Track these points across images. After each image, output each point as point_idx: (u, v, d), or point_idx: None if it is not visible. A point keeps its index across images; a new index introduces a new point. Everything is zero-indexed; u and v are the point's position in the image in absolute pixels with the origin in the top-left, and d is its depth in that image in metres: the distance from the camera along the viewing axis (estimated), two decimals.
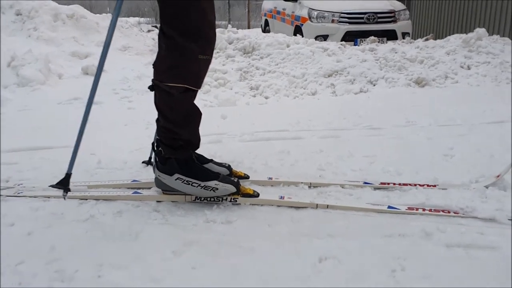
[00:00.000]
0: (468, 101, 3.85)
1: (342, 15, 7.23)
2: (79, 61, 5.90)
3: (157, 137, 1.80)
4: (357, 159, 2.33)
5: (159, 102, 1.73)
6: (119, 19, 7.88)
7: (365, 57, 5.35)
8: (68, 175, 1.72)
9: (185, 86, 1.66)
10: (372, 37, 6.29)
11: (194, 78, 1.68)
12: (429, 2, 10.40)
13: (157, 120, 1.78)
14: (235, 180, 1.81)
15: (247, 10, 24.76)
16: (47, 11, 6.59)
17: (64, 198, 1.71)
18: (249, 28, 23.18)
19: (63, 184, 1.70)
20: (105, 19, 7.10)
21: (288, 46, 5.74)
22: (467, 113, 3.32)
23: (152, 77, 1.74)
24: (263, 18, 10.92)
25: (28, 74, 4.84)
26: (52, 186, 1.73)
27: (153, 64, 1.80)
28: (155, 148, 1.80)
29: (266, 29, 10.62)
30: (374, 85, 4.91)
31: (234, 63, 5.57)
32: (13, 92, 4.68)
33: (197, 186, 1.72)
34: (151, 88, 1.74)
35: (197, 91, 1.72)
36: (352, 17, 7.22)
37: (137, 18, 33.92)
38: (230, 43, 5.89)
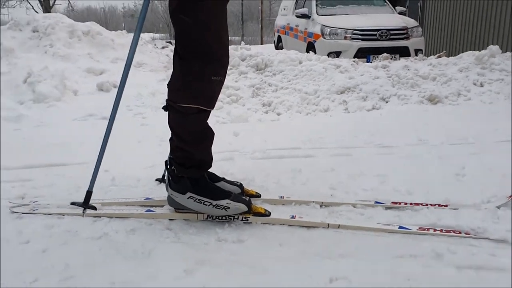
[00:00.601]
0: (480, 119, 3.84)
1: (355, 32, 7.28)
2: (94, 78, 6.00)
3: (170, 156, 1.82)
4: (368, 178, 2.33)
5: (173, 122, 1.76)
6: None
7: (378, 74, 5.36)
8: (89, 193, 1.75)
9: (199, 107, 1.69)
10: (385, 54, 6.31)
11: (208, 99, 1.71)
12: (441, 19, 10.42)
13: (171, 139, 1.81)
14: (247, 199, 1.82)
15: (260, 26, 25.04)
16: (63, 28, 6.74)
17: (83, 215, 1.74)
18: (262, 43, 23.40)
19: (84, 202, 1.73)
20: (120, 36, 7.23)
21: (300, 62, 5.77)
22: (480, 131, 3.30)
23: (166, 97, 1.78)
24: (276, 34, 11.02)
25: (44, 91, 4.94)
26: (73, 203, 1.75)
27: (167, 84, 1.84)
28: (168, 167, 1.83)
29: (279, 45, 10.72)
30: (387, 102, 4.92)
31: (246, 79, 5.62)
32: (29, 109, 4.77)
33: (209, 205, 1.74)
34: (165, 108, 1.77)
35: (210, 111, 1.76)
36: (365, 34, 7.26)
37: (151, 34, 34.48)
38: (243, 60, 5.95)
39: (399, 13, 8.38)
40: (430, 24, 11.07)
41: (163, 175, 2.32)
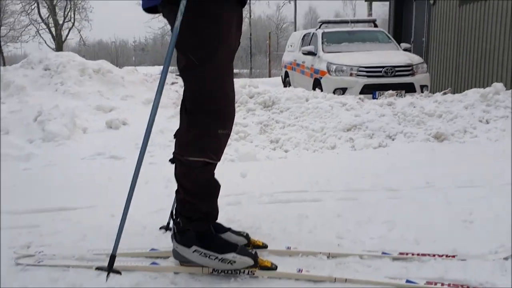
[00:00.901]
0: (487, 159, 3.83)
1: (360, 68, 7.36)
2: (104, 115, 6.09)
3: (176, 208, 1.84)
4: (375, 226, 2.32)
5: (179, 174, 1.78)
6: (144, 72, 8.13)
7: (384, 111, 5.39)
8: (113, 257, 1.69)
9: (205, 160, 1.71)
10: (390, 91, 6.36)
11: (214, 152, 1.73)
12: (446, 55, 10.51)
13: (177, 192, 1.82)
14: (253, 252, 1.82)
15: (268, 59, 25.35)
16: (74, 66, 6.88)
17: (106, 280, 1.68)
18: (270, 76, 23.67)
19: (109, 266, 1.68)
20: (130, 73, 7.36)
21: (307, 100, 5.83)
22: (487, 172, 3.29)
23: (174, 150, 1.80)
24: (284, 70, 11.17)
25: (54, 129, 5.01)
26: (98, 268, 1.70)
27: (174, 135, 1.87)
28: (174, 218, 1.84)
29: (286, 80, 10.86)
30: (393, 140, 4.93)
31: (254, 116, 5.67)
32: (39, 147, 4.83)
33: (214, 259, 1.74)
34: (171, 161, 1.79)
35: (216, 163, 1.78)
36: (370, 71, 7.34)
37: (161, 67, 35.14)
38: (250, 97, 6.01)
39: (404, 50, 8.48)
40: (435, 60, 11.16)
41: (168, 223, 2.33)
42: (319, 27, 9.26)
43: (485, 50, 8.84)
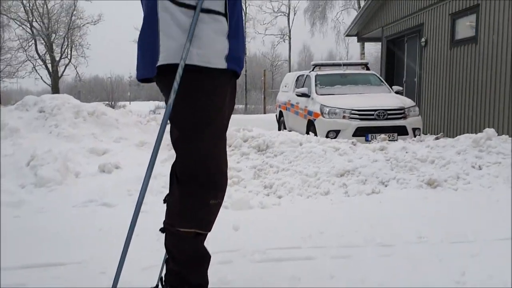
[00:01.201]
0: (480, 209, 3.84)
1: (353, 111, 7.45)
2: (97, 158, 6.08)
3: (166, 277, 1.82)
4: None
5: (170, 244, 1.77)
6: (139, 114, 8.17)
7: (376, 157, 5.42)
8: None
9: (196, 231, 1.71)
10: (383, 136, 6.41)
11: (205, 223, 1.73)
12: (438, 97, 10.68)
13: (167, 261, 1.81)
14: None
15: (263, 96, 25.63)
16: (69, 109, 6.91)
17: None
18: (265, 113, 23.88)
19: None
20: (125, 115, 7.40)
21: (301, 144, 5.86)
22: (480, 225, 3.29)
23: (164, 218, 1.80)
24: (278, 109, 11.28)
25: (46, 175, 4.98)
26: None
27: (164, 200, 1.86)
28: (163, 285, 1.81)
29: (280, 119, 10.95)
30: (386, 186, 4.94)
31: (248, 160, 5.68)
32: (31, 193, 4.79)
33: None
34: (162, 230, 1.79)
35: (207, 234, 1.77)
36: (363, 114, 7.42)
37: (156, 102, 35.29)
38: (245, 141, 6.04)
39: (396, 92, 8.61)
40: (427, 100, 11.33)
41: (156, 285, 2.29)
42: (313, 70, 9.42)
43: (476, 93, 8.99)
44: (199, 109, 1.69)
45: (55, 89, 27.19)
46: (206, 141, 1.68)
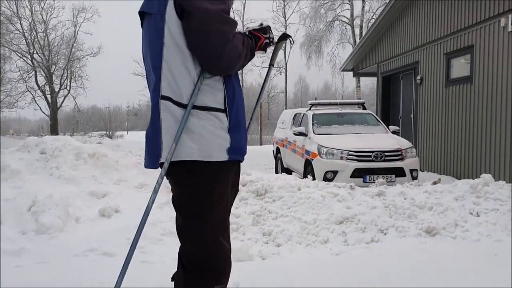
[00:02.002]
0: (478, 263, 3.87)
1: (351, 153, 7.53)
2: (97, 201, 6.11)
3: None
4: None
5: None
6: (138, 154, 8.23)
7: (375, 203, 5.48)
8: None
9: None
10: (381, 180, 6.48)
11: None
12: (435, 134, 10.81)
13: None
14: None
15: (259, 128, 25.81)
16: (70, 151, 6.97)
17: None
18: (261, 144, 24.03)
19: None
20: (125, 157, 7.46)
21: (299, 189, 5.92)
22: (479, 281, 3.33)
23: None
24: (275, 146, 11.36)
25: (47, 221, 5.01)
26: None
27: (172, 278, 1.92)
28: None
29: (277, 155, 11.02)
30: (385, 234, 4.98)
31: (247, 206, 5.72)
32: (31, 241, 4.81)
33: None
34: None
35: None
36: (360, 155, 7.51)
37: None
38: (243, 185, 6.10)
39: (393, 132, 8.72)
40: (423, 137, 11.46)
41: None
42: (310, 109, 9.54)
43: (472, 133, 9.12)
44: (202, 199, 1.78)
45: (53, 120, 27.32)
46: (209, 229, 1.76)
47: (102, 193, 6.29)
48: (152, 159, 1.92)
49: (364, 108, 9.89)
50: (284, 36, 2.22)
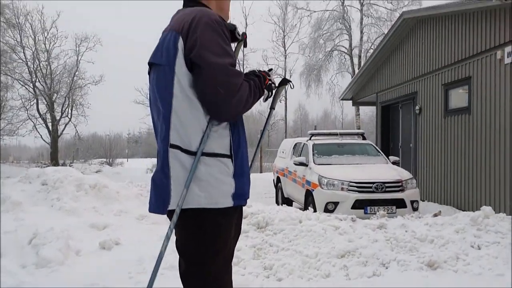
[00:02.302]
0: None
1: (351, 184, 7.55)
2: (97, 233, 6.11)
3: None
4: None
5: None
6: (139, 185, 8.24)
7: (376, 236, 5.48)
8: None
9: None
10: (382, 212, 6.49)
11: None
12: (434, 164, 10.85)
13: None
14: None
15: (259, 155, 25.87)
16: (71, 182, 7.01)
17: None
18: (261, 172, 24.01)
19: None
20: (126, 187, 7.48)
21: (300, 222, 5.92)
22: None
23: None
24: (275, 175, 11.38)
25: (47, 255, 5.00)
26: None
27: None
28: None
29: (278, 185, 11.04)
30: (387, 268, 4.96)
31: (248, 239, 5.71)
32: (32, 275, 4.79)
33: None
34: None
35: None
36: (361, 186, 7.53)
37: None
38: (244, 218, 6.09)
39: (393, 163, 8.76)
40: (423, 166, 11.49)
41: None
42: (310, 139, 9.60)
43: (471, 164, 9.16)
44: (207, 246, 1.83)
45: (54, 148, 27.37)
46: (212, 275, 1.81)
47: (103, 225, 6.29)
48: (159, 205, 1.97)
49: (364, 138, 9.96)
50: (285, 81, 2.30)
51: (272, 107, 2.39)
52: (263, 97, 2.14)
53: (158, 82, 1.98)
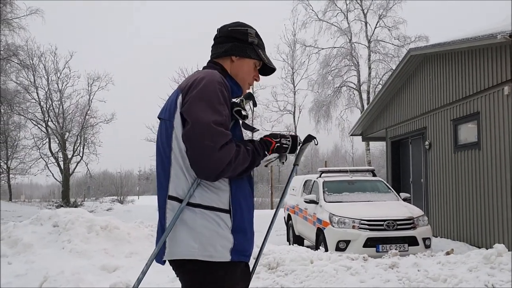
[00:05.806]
0: None
1: (362, 221, 7.49)
2: (108, 276, 6.09)
3: None
4: None
5: None
6: (150, 225, 8.23)
7: (388, 276, 5.41)
8: None
9: None
10: (394, 251, 6.42)
11: None
12: (446, 199, 10.75)
13: None
14: None
15: (270, 191, 25.78)
16: (82, 223, 7.04)
17: None
18: (272, 208, 23.87)
19: None
20: (137, 228, 7.49)
21: (311, 262, 5.88)
22: None
23: None
24: (286, 212, 11.33)
25: None
26: None
27: None
28: None
29: (289, 222, 10.97)
30: None
31: (259, 280, 5.67)
32: None
33: None
34: None
35: None
36: (372, 224, 7.46)
37: None
38: (254, 258, 6.06)
39: (404, 200, 8.70)
40: (434, 202, 11.39)
41: None
42: (320, 176, 9.60)
43: (483, 200, 9.06)
44: None
45: (65, 186, 27.56)
46: None
47: (113, 267, 6.28)
48: (159, 252, 2.03)
49: (374, 175, 9.93)
50: (309, 138, 2.34)
51: (296, 163, 2.42)
52: (269, 161, 2.18)
53: (161, 135, 2.08)
